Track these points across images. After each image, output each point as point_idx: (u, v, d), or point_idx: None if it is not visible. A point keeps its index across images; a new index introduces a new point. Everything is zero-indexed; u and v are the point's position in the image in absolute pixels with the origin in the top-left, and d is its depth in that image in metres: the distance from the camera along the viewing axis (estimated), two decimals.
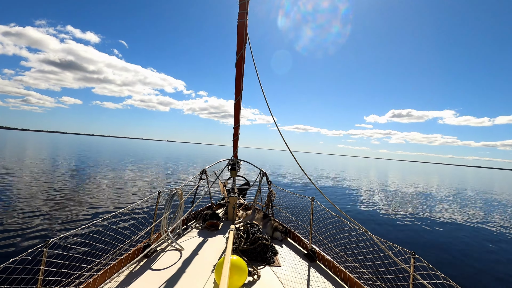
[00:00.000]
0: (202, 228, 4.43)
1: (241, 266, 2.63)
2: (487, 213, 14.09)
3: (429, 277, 2.07)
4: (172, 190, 3.79)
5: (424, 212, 12.83)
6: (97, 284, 2.52)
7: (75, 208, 8.41)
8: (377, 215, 11.17)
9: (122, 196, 10.86)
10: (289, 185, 18.48)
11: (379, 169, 62.43)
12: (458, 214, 13.02)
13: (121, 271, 2.82)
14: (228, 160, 5.78)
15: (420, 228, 9.75)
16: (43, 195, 9.77)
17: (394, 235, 8.51)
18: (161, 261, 3.13)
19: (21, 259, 1.83)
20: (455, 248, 7.76)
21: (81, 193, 10.58)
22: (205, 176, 5.35)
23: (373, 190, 19.88)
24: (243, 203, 5.91)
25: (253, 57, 4.64)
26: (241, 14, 4.32)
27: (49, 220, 7.03)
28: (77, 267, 2.51)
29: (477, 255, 7.36)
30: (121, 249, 3.15)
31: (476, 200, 19.32)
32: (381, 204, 13.96)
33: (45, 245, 1.99)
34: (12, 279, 2.92)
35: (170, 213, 3.72)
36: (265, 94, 4.55)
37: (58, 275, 2.34)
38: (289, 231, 4.27)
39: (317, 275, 3.08)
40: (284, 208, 5.04)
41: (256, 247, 3.39)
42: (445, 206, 15.34)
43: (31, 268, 2.27)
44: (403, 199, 16.38)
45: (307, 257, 3.54)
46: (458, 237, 9.04)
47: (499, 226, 11.28)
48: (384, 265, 2.84)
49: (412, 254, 2.12)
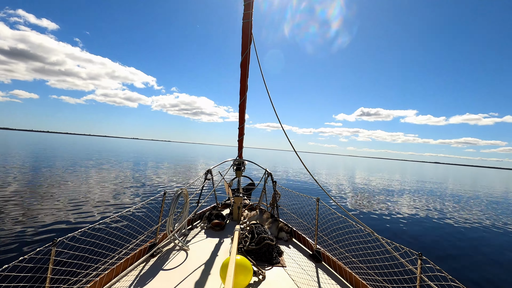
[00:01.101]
0: (207, 228, 4.44)
1: (246, 266, 2.63)
2: (496, 215, 13.84)
3: (436, 278, 2.04)
4: (177, 190, 3.81)
5: (432, 211, 12.65)
6: (104, 283, 2.55)
7: (82, 207, 8.52)
8: (381, 215, 11.06)
9: (126, 196, 10.97)
10: (293, 185, 18.42)
11: (348, 166, 62.39)
12: (465, 214, 12.81)
13: (127, 270, 2.85)
14: (233, 160, 5.79)
15: (428, 228, 9.61)
16: (50, 195, 9.92)
17: (400, 236, 8.41)
18: (167, 261, 3.15)
19: (29, 258, 1.86)
20: (463, 249, 7.63)
21: (87, 193, 10.72)
22: (210, 176, 5.37)
23: (373, 190, 19.69)
24: (248, 203, 5.91)
25: (258, 57, 4.63)
26: (246, 15, 4.32)
27: (57, 220, 7.14)
28: (85, 266, 2.54)
29: (488, 257, 7.22)
30: (127, 248, 3.18)
31: (476, 200, 18.98)
32: (381, 204, 13.82)
33: (53, 244, 2.02)
34: (21, 278, 2.98)
35: (176, 213, 3.74)
36: (269, 93, 4.53)
37: (66, 274, 2.37)
38: (294, 232, 4.25)
39: (323, 276, 3.06)
40: (289, 209, 5.02)
41: (261, 247, 3.39)
42: (454, 206, 15.12)
43: (39, 267, 2.31)
44: (404, 199, 16.19)
45: (312, 258, 3.52)
46: (466, 237, 8.89)
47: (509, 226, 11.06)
48: (391, 266, 2.81)
49: (419, 256, 2.10)
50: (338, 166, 56.04)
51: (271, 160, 55.97)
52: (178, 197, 3.76)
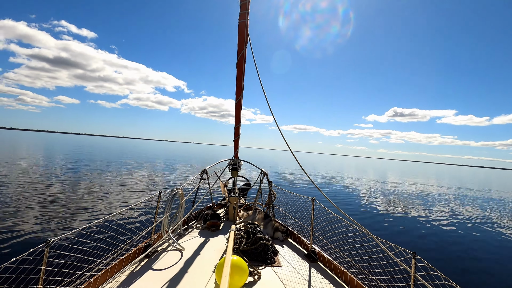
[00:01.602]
0: (203, 228, 4.43)
1: (242, 266, 2.62)
2: (490, 213, 14.06)
3: (430, 277, 2.06)
4: (173, 190, 3.79)
5: (425, 212, 12.80)
6: (98, 284, 2.53)
7: (76, 208, 8.42)
8: (378, 216, 11.15)
9: (122, 196, 10.87)
10: (289, 185, 18.46)
11: (378, 169, 62.39)
12: (460, 214, 12.99)
13: (122, 271, 2.82)
14: (229, 160, 5.77)
15: (421, 228, 9.72)
16: (44, 195, 9.79)
17: (395, 236, 8.49)
18: (162, 261, 3.13)
19: (22, 259, 1.83)
20: (456, 249, 7.74)
21: (82, 193, 10.60)
22: (206, 176, 5.35)
23: (374, 190, 19.84)
24: (244, 203, 5.91)
25: (254, 57, 4.64)
26: (242, 15, 4.32)
27: (50, 220, 7.04)
28: (78, 267, 2.51)
29: (479, 256, 7.33)
30: (122, 249, 3.15)
31: (478, 200, 19.26)
32: (381, 204, 13.94)
33: (46, 245, 1.99)
34: (14, 279, 2.93)
35: (171, 213, 3.72)
36: (265, 93, 4.55)
37: (59, 275, 2.34)
38: (290, 232, 4.26)
39: (318, 276, 3.08)
40: (285, 209, 5.03)
41: (257, 247, 3.39)
42: (447, 206, 15.31)
43: (32, 268, 2.27)
44: (404, 199, 16.35)
45: (307, 258, 3.53)
46: (459, 237, 9.01)
47: (501, 225, 11.24)
48: (385, 265, 2.84)
49: (413, 255, 2.12)
50: (365, 170, 53.98)
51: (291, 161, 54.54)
52: (173, 197, 3.74)
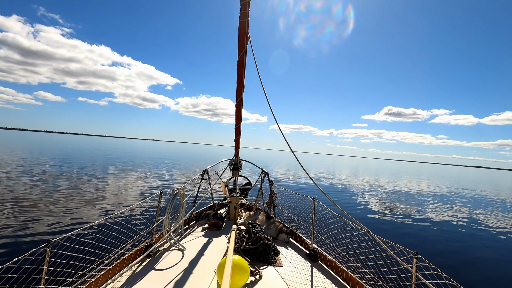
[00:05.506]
0: (204, 228, 4.43)
1: (243, 266, 2.63)
2: (490, 213, 14.02)
3: (431, 277, 2.06)
4: (174, 190, 3.79)
5: (425, 211, 12.78)
6: (99, 284, 2.53)
7: (77, 208, 8.44)
8: (378, 215, 11.14)
9: (123, 196, 10.89)
10: (290, 184, 18.46)
11: (372, 168, 62.19)
12: (460, 213, 12.96)
13: (123, 271, 2.83)
14: (230, 160, 5.78)
15: (422, 227, 9.71)
16: (44, 195, 9.82)
17: (396, 235, 8.48)
18: (163, 261, 3.14)
19: (24, 259, 1.83)
20: (458, 248, 7.72)
21: (83, 193, 10.63)
22: (206, 176, 5.35)
23: (371, 189, 19.81)
24: (245, 203, 5.91)
25: (254, 57, 4.63)
26: (242, 14, 4.31)
27: (52, 220, 7.06)
28: (80, 267, 2.52)
29: (481, 255, 7.31)
30: (123, 249, 3.15)
31: (478, 200, 19.22)
32: (381, 204, 13.92)
33: (47, 245, 2.00)
34: (15, 279, 2.94)
35: (172, 213, 3.72)
36: (266, 93, 4.54)
37: (61, 275, 2.34)
38: (292, 231, 4.26)
39: (319, 275, 3.07)
40: (286, 208, 5.03)
41: (258, 247, 3.39)
42: (447, 205, 15.28)
43: (34, 268, 2.28)
44: (403, 198, 16.32)
45: (309, 257, 3.53)
46: (460, 236, 8.99)
47: (502, 225, 11.21)
48: (386, 265, 2.84)
49: (414, 254, 2.11)
50: (358, 169, 53.23)
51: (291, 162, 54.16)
52: (174, 197, 3.74)
